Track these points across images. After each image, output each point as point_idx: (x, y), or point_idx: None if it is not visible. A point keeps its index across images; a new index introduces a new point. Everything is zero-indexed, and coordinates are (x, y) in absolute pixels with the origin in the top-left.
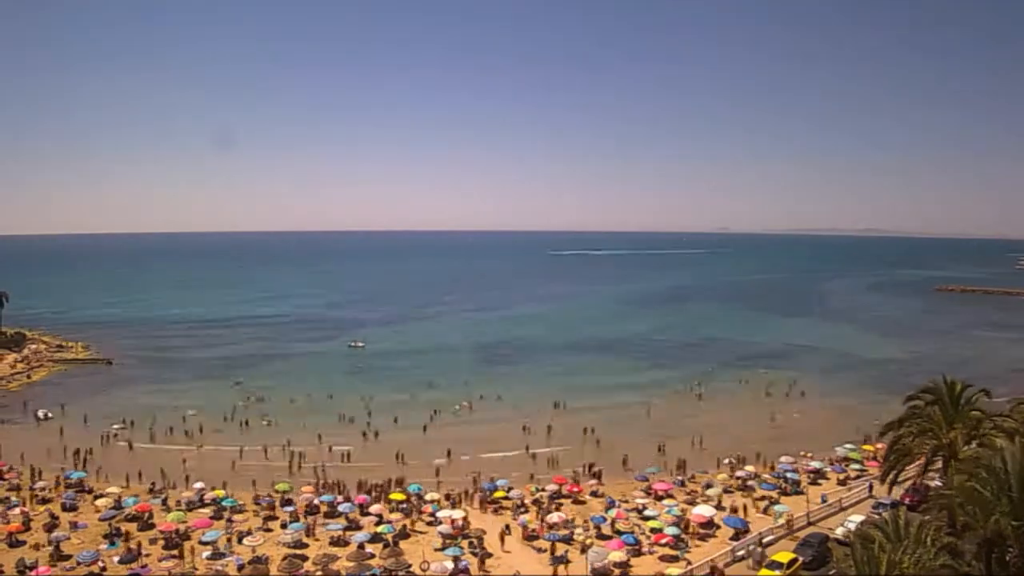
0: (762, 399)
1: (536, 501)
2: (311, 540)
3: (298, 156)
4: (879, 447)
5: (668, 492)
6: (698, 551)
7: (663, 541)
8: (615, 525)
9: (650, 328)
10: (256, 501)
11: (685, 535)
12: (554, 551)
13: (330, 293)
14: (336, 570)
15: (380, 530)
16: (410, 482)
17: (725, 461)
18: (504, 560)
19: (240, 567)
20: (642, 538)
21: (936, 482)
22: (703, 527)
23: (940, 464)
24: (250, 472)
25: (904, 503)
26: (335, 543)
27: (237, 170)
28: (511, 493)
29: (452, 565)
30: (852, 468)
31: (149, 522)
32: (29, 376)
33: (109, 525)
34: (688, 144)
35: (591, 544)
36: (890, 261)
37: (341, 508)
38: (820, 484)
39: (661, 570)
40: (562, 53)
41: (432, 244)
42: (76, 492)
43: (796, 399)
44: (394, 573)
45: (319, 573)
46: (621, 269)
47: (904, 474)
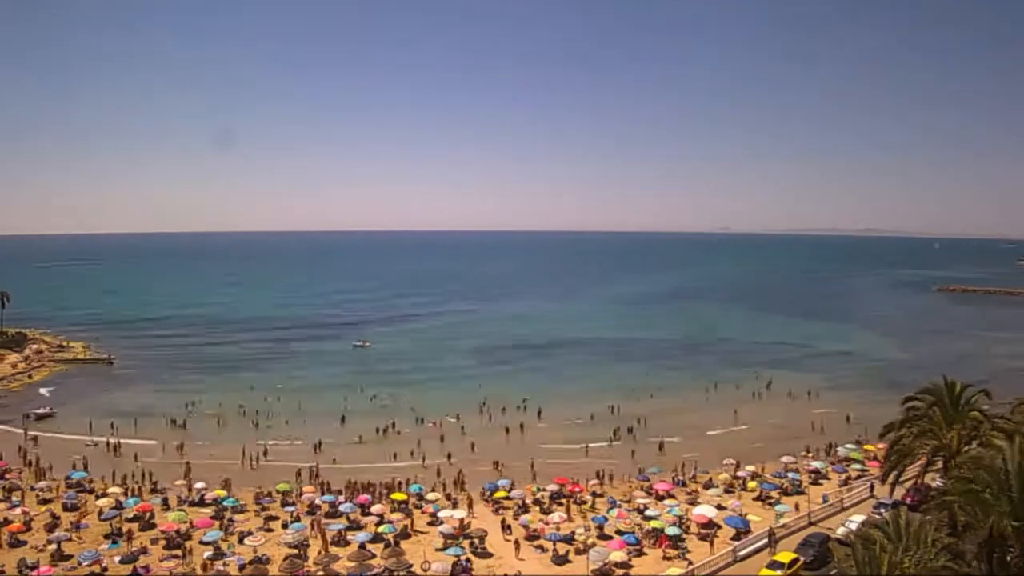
0: (762, 399)
1: (537, 501)
2: (312, 540)
3: (298, 156)
4: (880, 447)
5: (669, 492)
6: (698, 551)
7: (665, 545)
8: (617, 525)
9: (650, 328)
10: (257, 501)
11: (686, 535)
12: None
13: (332, 293)
14: (337, 570)
15: (381, 530)
16: (412, 482)
17: (725, 461)
18: (505, 560)
19: (241, 567)
20: (643, 539)
21: (937, 482)
22: (704, 527)
23: (940, 464)
24: (251, 472)
25: (905, 503)
26: (336, 543)
27: (237, 170)
28: (512, 493)
29: (451, 566)
30: (853, 468)
31: (150, 522)
32: (30, 376)
33: (110, 525)
34: (688, 144)
35: (592, 544)
36: (890, 261)
37: (342, 508)
38: (821, 484)
39: (661, 570)
40: (562, 53)
41: (432, 244)
42: (77, 492)
43: (796, 399)
44: (395, 573)
45: (320, 573)
46: (621, 269)
47: (905, 474)
